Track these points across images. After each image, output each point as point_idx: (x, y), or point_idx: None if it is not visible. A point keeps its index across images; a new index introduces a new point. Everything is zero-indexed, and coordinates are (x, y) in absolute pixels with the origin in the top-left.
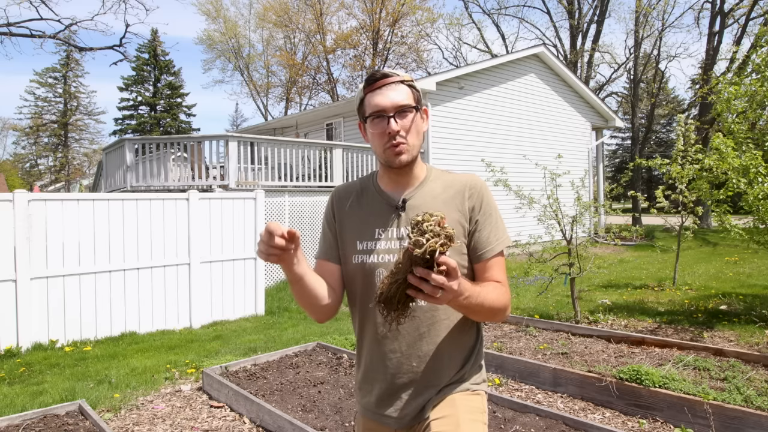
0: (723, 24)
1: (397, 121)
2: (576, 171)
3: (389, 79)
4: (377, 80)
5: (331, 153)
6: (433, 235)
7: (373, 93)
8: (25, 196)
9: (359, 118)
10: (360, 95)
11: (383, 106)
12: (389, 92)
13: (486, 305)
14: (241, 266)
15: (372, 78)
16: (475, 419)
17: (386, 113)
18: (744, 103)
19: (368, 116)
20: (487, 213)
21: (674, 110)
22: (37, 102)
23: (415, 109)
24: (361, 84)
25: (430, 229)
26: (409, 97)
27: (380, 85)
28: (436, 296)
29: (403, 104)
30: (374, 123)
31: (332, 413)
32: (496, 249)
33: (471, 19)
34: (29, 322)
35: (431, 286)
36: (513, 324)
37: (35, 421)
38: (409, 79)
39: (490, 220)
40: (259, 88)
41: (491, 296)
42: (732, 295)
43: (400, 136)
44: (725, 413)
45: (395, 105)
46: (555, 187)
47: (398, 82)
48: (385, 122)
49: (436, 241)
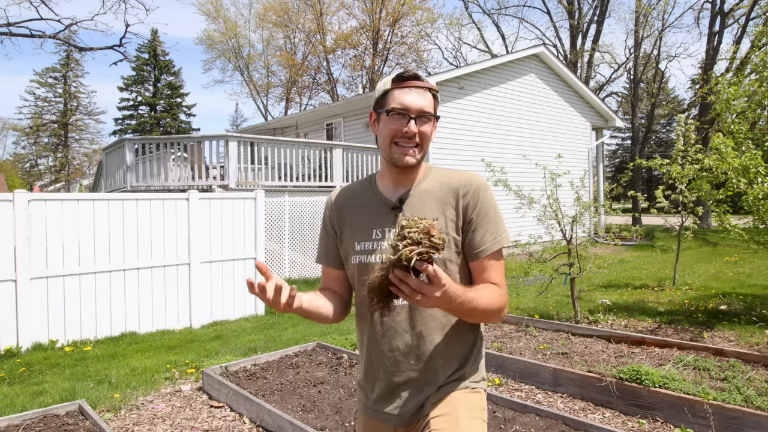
0: (723, 24)
1: (417, 125)
2: (576, 171)
3: (420, 82)
4: (409, 79)
5: (331, 153)
6: (411, 243)
7: (401, 90)
8: (25, 196)
9: (374, 108)
10: (386, 87)
11: (409, 106)
12: (416, 95)
13: (479, 309)
14: (241, 266)
15: (405, 75)
16: (474, 417)
17: (409, 113)
18: (743, 103)
19: (390, 110)
20: (483, 212)
21: (674, 110)
22: (37, 102)
23: (435, 118)
24: (388, 77)
25: (410, 235)
26: (432, 105)
27: (411, 85)
28: (416, 299)
29: (427, 110)
30: (394, 118)
31: (332, 413)
32: (491, 248)
33: (471, 19)
34: (29, 322)
35: (410, 289)
36: (513, 324)
37: (35, 421)
38: (437, 89)
39: (487, 220)
40: (259, 88)
41: (485, 300)
42: (732, 295)
43: (417, 139)
44: (725, 413)
45: (420, 109)
46: (555, 187)
47: (427, 88)
48: (405, 121)
49: (412, 250)
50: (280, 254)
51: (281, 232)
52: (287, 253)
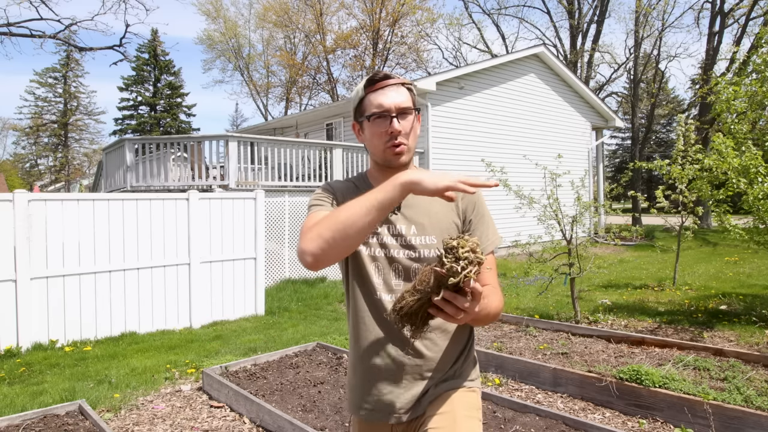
0: (723, 24)
1: (399, 122)
2: (576, 171)
3: (391, 80)
4: (380, 80)
5: (331, 153)
6: (468, 263)
7: (375, 93)
8: (25, 196)
9: (354, 118)
10: (360, 95)
11: (387, 106)
12: (391, 93)
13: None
14: (241, 266)
15: (374, 78)
16: (471, 416)
17: (389, 113)
18: (744, 103)
19: (370, 115)
20: (480, 213)
21: (674, 110)
22: (37, 102)
23: (415, 112)
24: (360, 84)
25: (465, 256)
26: (409, 99)
27: (383, 86)
28: (458, 318)
29: (405, 106)
30: (376, 122)
31: (332, 413)
32: (487, 249)
33: (471, 19)
34: (29, 322)
35: (455, 308)
36: (513, 324)
37: (35, 421)
38: (409, 82)
39: (483, 221)
40: (259, 88)
41: (493, 305)
42: (732, 295)
43: (402, 137)
44: (725, 413)
45: (398, 106)
46: (555, 187)
47: (399, 84)
48: (388, 122)
49: (471, 270)
50: (280, 254)
51: (281, 232)
52: (287, 253)
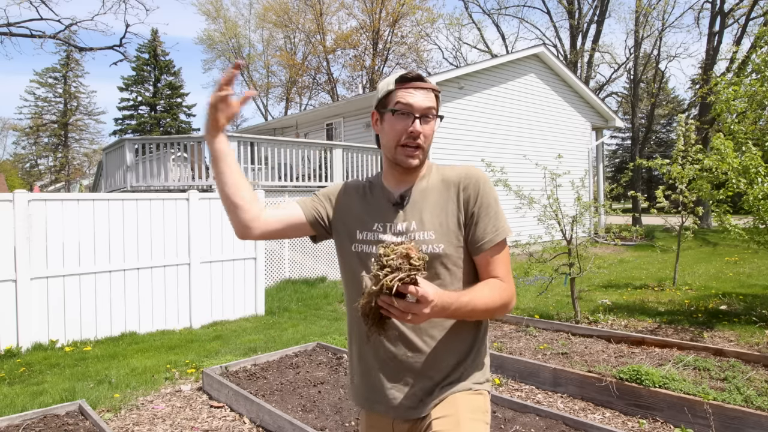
0: (723, 24)
1: (421, 124)
2: (576, 171)
3: (424, 83)
4: (414, 79)
5: (331, 153)
6: (392, 270)
7: (406, 90)
8: (25, 196)
9: (377, 108)
10: (389, 87)
11: (414, 106)
12: (421, 95)
13: (479, 309)
14: (241, 266)
15: (408, 76)
16: (476, 419)
17: (414, 113)
18: (744, 103)
19: (395, 110)
20: (485, 204)
21: (674, 110)
22: (37, 102)
23: (438, 119)
24: (391, 77)
25: (389, 263)
26: (434, 106)
27: (415, 86)
28: (407, 319)
29: (430, 111)
30: (399, 117)
31: (332, 413)
32: (493, 241)
33: (471, 19)
34: (29, 322)
35: (399, 311)
36: (513, 324)
37: (35, 421)
38: (439, 90)
39: (488, 212)
40: (259, 88)
41: (483, 300)
42: (732, 295)
43: (421, 139)
44: (725, 413)
45: (424, 108)
46: (555, 187)
47: (430, 89)
48: (410, 121)
49: (394, 277)
50: (280, 254)
51: None
52: (287, 253)
